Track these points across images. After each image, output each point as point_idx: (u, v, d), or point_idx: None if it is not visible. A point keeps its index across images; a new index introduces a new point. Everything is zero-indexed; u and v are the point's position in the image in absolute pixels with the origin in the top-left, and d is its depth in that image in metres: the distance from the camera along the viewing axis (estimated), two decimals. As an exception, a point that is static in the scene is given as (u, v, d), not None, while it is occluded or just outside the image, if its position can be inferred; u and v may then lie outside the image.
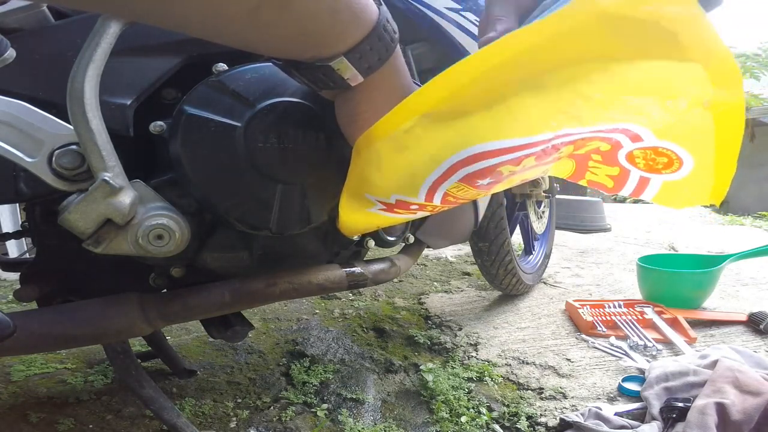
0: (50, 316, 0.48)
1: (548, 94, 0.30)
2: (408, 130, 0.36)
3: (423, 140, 0.36)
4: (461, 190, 0.42)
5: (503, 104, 0.31)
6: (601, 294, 1.52)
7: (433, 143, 0.36)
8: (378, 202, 0.46)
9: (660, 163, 0.33)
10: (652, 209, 4.16)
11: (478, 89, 0.31)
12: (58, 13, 0.50)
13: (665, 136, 0.31)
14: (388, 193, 0.44)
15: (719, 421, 0.68)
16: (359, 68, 0.40)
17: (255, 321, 1.22)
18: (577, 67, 0.27)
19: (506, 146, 0.34)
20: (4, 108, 0.41)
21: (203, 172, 0.48)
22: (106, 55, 0.40)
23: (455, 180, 0.40)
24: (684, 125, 0.29)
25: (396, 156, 0.39)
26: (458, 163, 0.37)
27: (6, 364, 0.93)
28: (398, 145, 0.38)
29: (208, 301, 0.53)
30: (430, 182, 0.40)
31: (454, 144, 0.36)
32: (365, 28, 0.39)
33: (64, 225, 0.42)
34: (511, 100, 0.30)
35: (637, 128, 0.31)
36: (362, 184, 0.44)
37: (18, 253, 1.67)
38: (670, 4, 0.24)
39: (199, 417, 0.81)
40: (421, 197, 0.43)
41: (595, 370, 0.98)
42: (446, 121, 0.34)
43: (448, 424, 0.80)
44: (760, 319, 1.14)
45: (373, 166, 0.41)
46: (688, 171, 0.32)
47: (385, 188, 0.43)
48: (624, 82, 0.27)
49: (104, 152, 0.41)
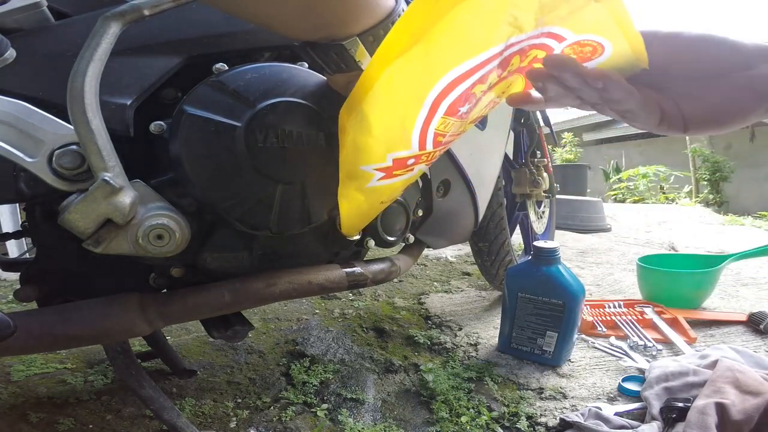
0: (50, 316, 0.48)
1: (493, 10, 0.36)
2: (386, 81, 0.39)
3: (402, 84, 0.40)
4: (447, 125, 0.46)
5: (459, 28, 0.36)
6: (601, 294, 1.52)
7: (411, 84, 0.40)
8: (376, 171, 0.48)
9: (587, 52, 0.40)
10: (652, 209, 4.16)
11: (432, 23, 0.36)
12: (58, 13, 0.50)
13: (581, 31, 0.38)
14: (383, 155, 0.46)
15: (719, 421, 0.68)
16: (371, 51, 0.41)
17: (255, 321, 1.22)
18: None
19: (473, 65, 0.39)
20: (4, 108, 0.41)
21: (203, 172, 0.48)
22: (106, 55, 0.40)
23: (441, 114, 0.43)
24: (589, 18, 0.37)
25: (382, 110, 0.42)
26: (439, 95, 0.41)
27: (6, 364, 0.93)
28: (381, 98, 0.41)
29: (208, 301, 0.53)
30: (420, 125, 0.44)
31: (431, 77, 0.40)
32: (380, 14, 0.40)
33: (64, 225, 0.42)
34: (463, 23, 0.36)
35: (558, 29, 0.39)
36: (356, 157, 0.46)
37: (18, 253, 1.67)
38: None
39: (199, 417, 0.81)
40: (415, 146, 0.46)
41: (595, 370, 0.98)
42: (417, 59, 0.38)
43: (448, 424, 0.80)
44: (760, 319, 1.14)
45: (364, 131, 0.43)
46: (610, 51, 0.39)
47: (379, 150, 0.46)
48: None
49: (104, 152, 0.41)
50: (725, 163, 5.89)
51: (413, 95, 0.41)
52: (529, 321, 1.00)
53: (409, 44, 0.37)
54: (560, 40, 0.40)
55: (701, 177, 6.03)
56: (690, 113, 0.39)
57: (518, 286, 1.01)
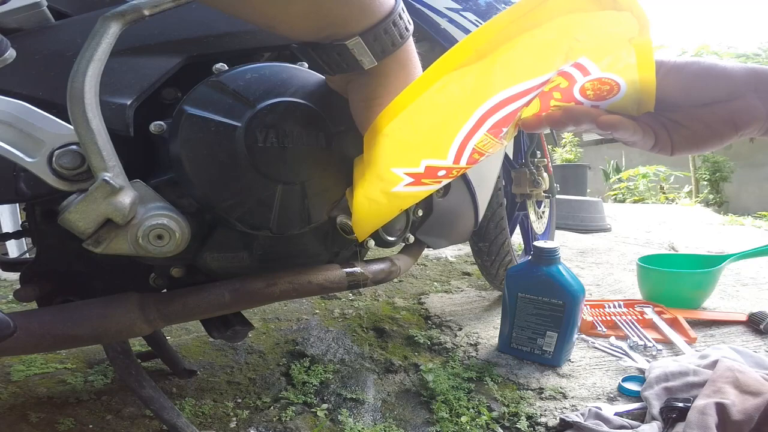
0: (50, 316, 0.48)
1: (557, 39, 0.38)
2: (440, 88, 0.40)
3: (455, 94, 0.40)
4: (487, 143, 0.47)
5: (523, 52, 0.38)
6: (601, 294, 1.52)
7: (465, 95, 0.41)
8: (406, 176, 0.48)
9: (605, 90, 0.43)
10: (652, 209, 4.16)
11: (499, 44, 0.38)
12: (58, 13, 0.50)
13: (607, 69, 0.41)
14: (418, 160, 0.46)
15: (719, 421, 0.68)
16: (373, 51, 0.41)
17: (255, 321, 1.22)
18: (567, 17, 0.37)
19: (526, 88, 0.41)
20: (4, 108, 0.41)
21: (203, 172, 0.48)
22: (106, 55, 0.40)
23: (484, 131, 0.44)
24: (618, 58, 0.40)
25: (428, 116, 0.42)
26: (488, 111, 0.42)
27: (6, 364, 0.93)
28: (431, 103, 0.41)
29: (208, 301, 0.53)
30: (462, 138, 0.44)
31: (485, 92, 0.41)
32: (381, 13, 0.40)
33: (64, 225, 0.42)
34: (529, 47, 0.38)
35: (587, 62, 0.41)
36: (390, 158, 0.46)
37: (18, 253, 1.68)
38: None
39: (199, 417, 0.81)
40: (450, 158, 0.47)
41: (595, 370, 0.98)
42: (476, 73, 0.39)
43: (448, 424, 0.80)
44: (760, 319, 1.14)
45: (404, 133, 0.44)
46: (624, 92, 0.42)
47: (415, 155, 0.46)
48: (589, 27, 0.38)
49: (104, 152, 0.41)
50: (725, 163, 5.88)
51: (463, 107, 0.42)
52: (529, 321, 1.00)
53: (472, 59, 0.38)
54: (585, 74, 0.42)
55: (701, 177, 6.02)
56: (676, 139, 0.44)
57: (518, 287, 1.01)
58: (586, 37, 0.38)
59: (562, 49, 0.39)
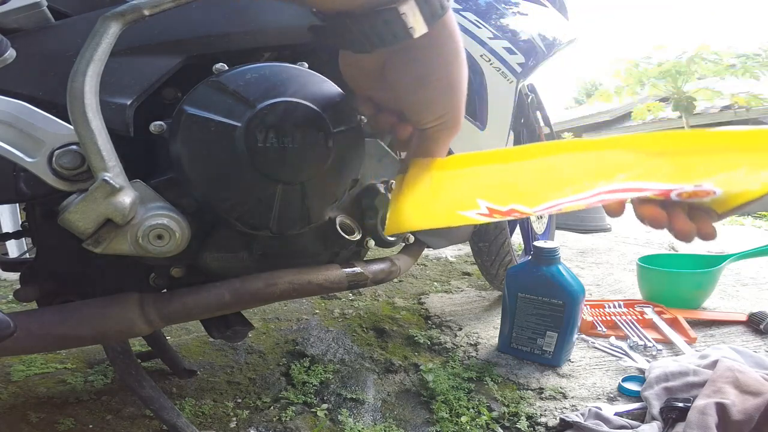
0: (50, 316, 0.48)
1: (688, 162, 0.35)
2: (572, 159, 0.38)
3: (582, 167, 0.38)
4: (571, 207, 0.44)
5: (678, 159, 0.36)
6: (601, 294, 1.52)
7: (597, 169, 0.38)
8: (486, 208, 0.45)
9: (698, 196, 0.39)
10: (652, 209, 4.15)
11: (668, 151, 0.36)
12: (58, 13, 0.50)
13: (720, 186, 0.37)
14: (508, 202, 0.43)
15: (719, 421, 0.68)
16: (424, 15, 0.35)
17: (255, 321, 1.22)
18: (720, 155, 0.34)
19: (650, 187, 0.38)
20: (4, 108, 0.41)
21: (203, 172, 0.48)
22: (106, 55, 0.40)
23: (582, 202, 0.41)
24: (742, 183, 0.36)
25: (548, 174, 0.40)
26: (604, 191, 0.39)
27: (6, 364, 0.93)
28: (556, 167, 0.39)
29: (208, 301, 0.53)
30: (562, 202, 0.41)
31: (610, 175, 0.38)
32: None
33: (64, 225, 0.42)
34: (684, 158, 0.36)
35: (710, 186, 0.37)
36: (482, 190, 0.43)
37: (18, 253, 1.68)
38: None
39: (199, 417, 0.81)
40: (537, 209, 0.43)
41: (595, 370, 0.98)
42: (621, 157, 0.37)
43: (448, 424, 0.80)
44: (760, 319, 1.14)
45: (519, 176, 0.41)
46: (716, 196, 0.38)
47: (511, 198, 0.43)
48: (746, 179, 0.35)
49: (104, 152, 0.41)
50: (725, 163, 5.87)
51: (586, 179, 0.39)
52: (529, 321, 1.00)
53: (613, 149, 0.37)
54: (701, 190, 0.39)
55: (701, 177, 6.01)
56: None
57: (518, 286, 1.01)
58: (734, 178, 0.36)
59: (711, 173, 0.36)
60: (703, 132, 0.34)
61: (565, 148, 0.38)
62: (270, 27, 0.56)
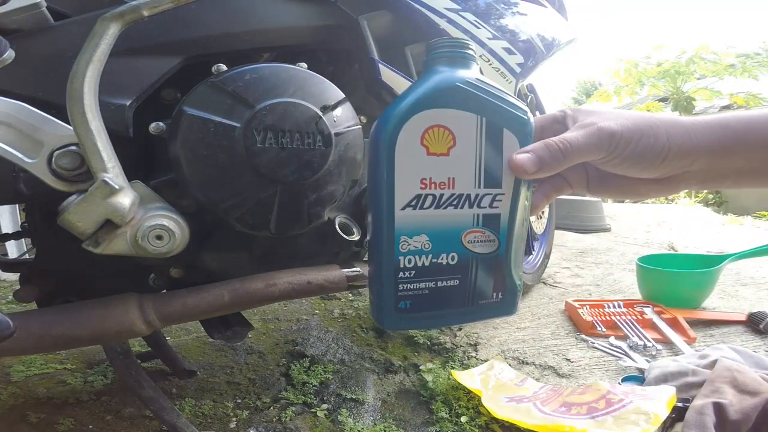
0: (50, 317, 0.48)
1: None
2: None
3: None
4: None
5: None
6: (600, 294, 1.52)
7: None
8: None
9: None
10: (652, 209, 4.16)
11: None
12: (58, 14, 0.50)
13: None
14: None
15: (717, 421, 0.68)
16: None
17: (255, 321, 1.22)
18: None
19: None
20: (4, 108, 0.41)
21: (202, 172, 0.48)
22: (106, 56, 0.40)
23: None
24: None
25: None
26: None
27: (6, 364, 0.93)
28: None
29: (208, 301, 0.53)
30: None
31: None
32: None
33: (63, 225, 0.42)
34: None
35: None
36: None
37: (18, 253, 1.68)
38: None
39: (199, 417, 0.81)
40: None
41: (594, 370, 0.98)
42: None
43: (447, 424, 0.80)
44: (759, 319, 1.14)
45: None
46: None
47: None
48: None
49: (104, 153, 0.41)
50: (725, 163, 5.87)
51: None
52: None
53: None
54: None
55: (701, 177, 6.01)
56: (593, 185, 0.40)
57: None
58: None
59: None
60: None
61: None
62: (269, 27, 0.56)
